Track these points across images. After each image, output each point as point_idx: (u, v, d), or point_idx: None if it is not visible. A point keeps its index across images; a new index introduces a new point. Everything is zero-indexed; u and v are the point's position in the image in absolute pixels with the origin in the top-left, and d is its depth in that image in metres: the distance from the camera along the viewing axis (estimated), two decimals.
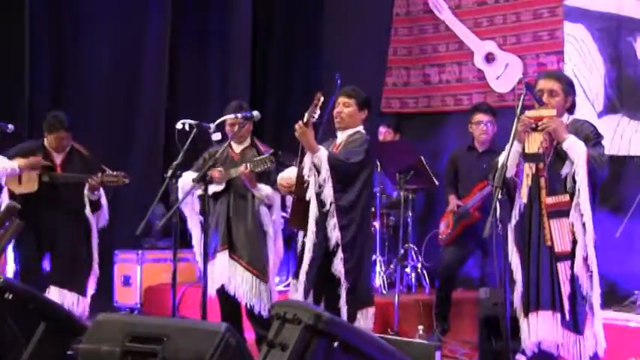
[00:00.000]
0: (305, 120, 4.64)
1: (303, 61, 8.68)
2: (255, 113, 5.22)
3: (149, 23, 8.19)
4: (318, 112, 4.67)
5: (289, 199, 5.15)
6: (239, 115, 5.28)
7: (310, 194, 4.73)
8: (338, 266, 4.74)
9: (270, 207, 5.37)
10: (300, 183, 4.78)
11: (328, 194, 4.70)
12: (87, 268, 5.92)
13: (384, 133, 7.40)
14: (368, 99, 5.03)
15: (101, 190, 5.90)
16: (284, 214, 5.56)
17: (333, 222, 4.73)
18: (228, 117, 5.34)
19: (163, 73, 8.19)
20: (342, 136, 4.98)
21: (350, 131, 4.97)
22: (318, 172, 4.69)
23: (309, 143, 4.68)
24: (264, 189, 5.34)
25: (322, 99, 4.69)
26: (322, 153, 4.71)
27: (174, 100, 8.23)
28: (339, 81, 6.70)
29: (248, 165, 5.22)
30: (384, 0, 8.19)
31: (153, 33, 8.19)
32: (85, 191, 5.83)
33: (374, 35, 8.20)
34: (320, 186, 4.69)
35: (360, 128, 5.01)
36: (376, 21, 8.20)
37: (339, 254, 4.74)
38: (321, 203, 4.71)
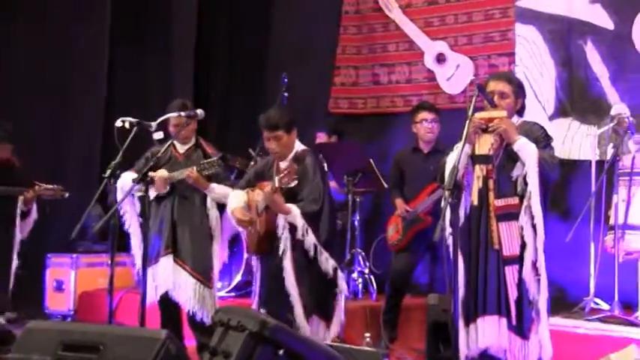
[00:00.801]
0: (274, 187, 4.63)
1: (249, 61, 8.64)
2: (200, 112, 5.19)
3: (85, 22, 8.06)
4: (292, 183, 4.66)
5: None
6: (182, 114, 5.24)
7: (285, 246, 4.74)
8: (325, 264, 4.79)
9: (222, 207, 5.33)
10: (271, 220, 4.78)
11: (311, 241, 4.73)
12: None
13: (322, 138, 7.31)
14: (293, 120, 4.98)
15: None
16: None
17: (324, 256, 4.77)
18: (171, 115, 5.29)
19: (101, 73, 8.07)
20: (284, 162, 4.93)
21: (291, 155, 4.94)
22: (294, 227, 4.71)
23: (280, 208, 4.71)
24: (220, 188, 5.30)
25: (296, 168, 4.67)
26: (295, 212, 4.71)
27: (114, 100, 8.12)
28: (285, 80, 6.73)
29: (194, 168, 5.19)
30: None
31: (89, 32, 8.07)
32: (19, 204, 5.79)
33: (322, 34, 8.20)
34: (302, 235, 4.71)
35: (299, 146, 4.98)
36: (325, 19, 8.21)
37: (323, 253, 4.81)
38: (303, 251, 4.74)
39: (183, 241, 5.33)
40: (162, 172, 5.29)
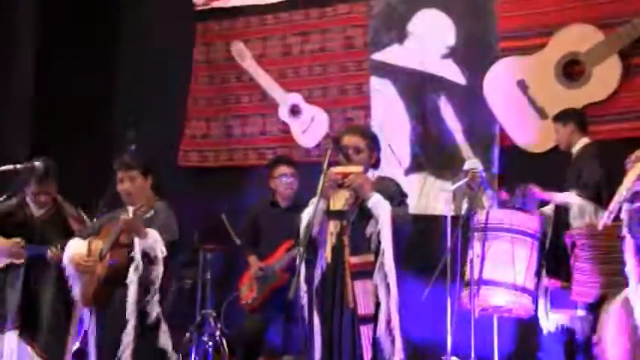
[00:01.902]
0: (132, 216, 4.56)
1: (92, 110, 8.45)
2: (38, 164, 5.04)
3: None
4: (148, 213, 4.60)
5: None
6: (18, 166, 5.08)
7: (131, 279, 4.63)
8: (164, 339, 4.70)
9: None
10: (114, 266, 4.68)
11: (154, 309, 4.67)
12: None
13: None
14: (150, 167, 4.95)
15: None
16: None
17: (155, 298, 4.67)
18: (4, 169, 5.12)
19: None
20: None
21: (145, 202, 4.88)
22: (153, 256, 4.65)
23: (139, 230, 4.62)
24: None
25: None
26: (154, 236, 4.63)
27: None
28: (132, 131, 6.64)
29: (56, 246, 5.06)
30: (184, 47, 8.21)
31: None
32: None
33: (172, 83, 8.18)
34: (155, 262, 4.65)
35: (152, 198, 4.92)
36: (174, 68, 8.20)
37: (162, 326, 4.71)
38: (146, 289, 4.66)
39: (37, 313, 5.14)
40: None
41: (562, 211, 5.75)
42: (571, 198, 5.66)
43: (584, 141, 5.96)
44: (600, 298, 5.21)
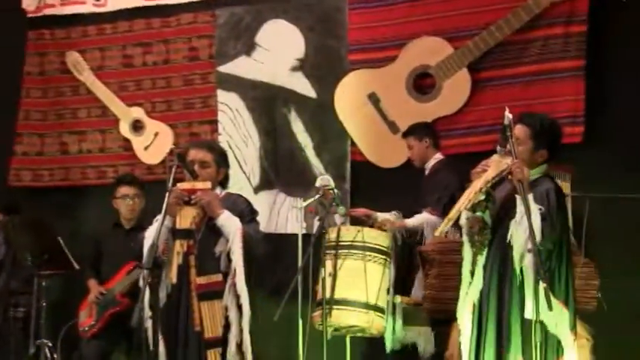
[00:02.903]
0: None
1: None
2: None
3: None
4: None
5: None
6: None
7: None
8: None
9: None
10: None
11: None
12: None
13: None
14: None
15: None
16: None
17: None
18: None
19: None
20: None
21: None
22: None
23: None
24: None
25: None
26: None
27: None
28: None
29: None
30: (13, 58, 7.99)
31: None
32: None
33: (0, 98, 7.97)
34: None
35: None
36: (3, 80, 7.99)
37: None
38: None
39: None
40: None
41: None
42: (420, 219, 5.89)
43: (438, 156, 6.21)
44: (451, 315, 5.42)
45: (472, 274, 4.52)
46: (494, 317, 4.35)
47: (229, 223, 4.40)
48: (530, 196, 4.25)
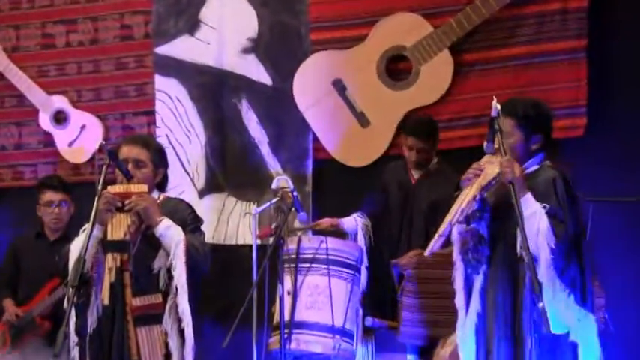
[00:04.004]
0: None
1: None
2: None
3: None
4: None
5: None
6: None
7: None
8: None
9: None
10: None
11: None
12: None
13: None
14: None
15: None
16: None
17: None
18: None
19: None
20: None
21: None
22: None
23: None
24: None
25: None
26: None
27: None
28: None
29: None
30: None
31: None
32: None
33: None
34: None
35: None
36: None
37: None
38: None
39: None
40: None
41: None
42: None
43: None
44: (431, 340, 5.48)
45: (468, 297, 4.57)
46: (504, 342, 4.41)
47: (170, 233, 4.40)
48: (528, 196, 4.32)
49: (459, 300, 4.60)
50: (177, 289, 4.37)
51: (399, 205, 6.19)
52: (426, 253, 4.59)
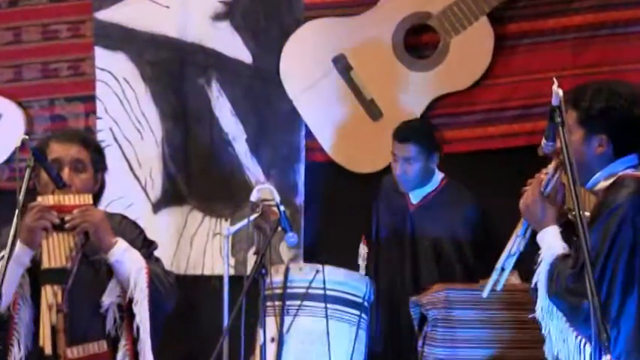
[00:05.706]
0: None
1: None
2: None
3: None
4: None
5: None
6: None
7: None
8: None
9: None
10: None
11: None
12: None
13: None
14: None
15: None
16: None
17: None
18: None
19: None
20: None
21: None
22: None
23: None
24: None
25: None
26: None
27: None
28: None
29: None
30: None
31: None
32: None
33: None
34: None
35: None
36: None
37: None
38: None
39: None
40: None
41: None
42: None
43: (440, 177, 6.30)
44: None
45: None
46: None
47: (129, 258, 4.39)
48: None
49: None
50: (139, 331, 4.36)
51: (394, 232, 6.26)
52: (484, 294, 4.48)
